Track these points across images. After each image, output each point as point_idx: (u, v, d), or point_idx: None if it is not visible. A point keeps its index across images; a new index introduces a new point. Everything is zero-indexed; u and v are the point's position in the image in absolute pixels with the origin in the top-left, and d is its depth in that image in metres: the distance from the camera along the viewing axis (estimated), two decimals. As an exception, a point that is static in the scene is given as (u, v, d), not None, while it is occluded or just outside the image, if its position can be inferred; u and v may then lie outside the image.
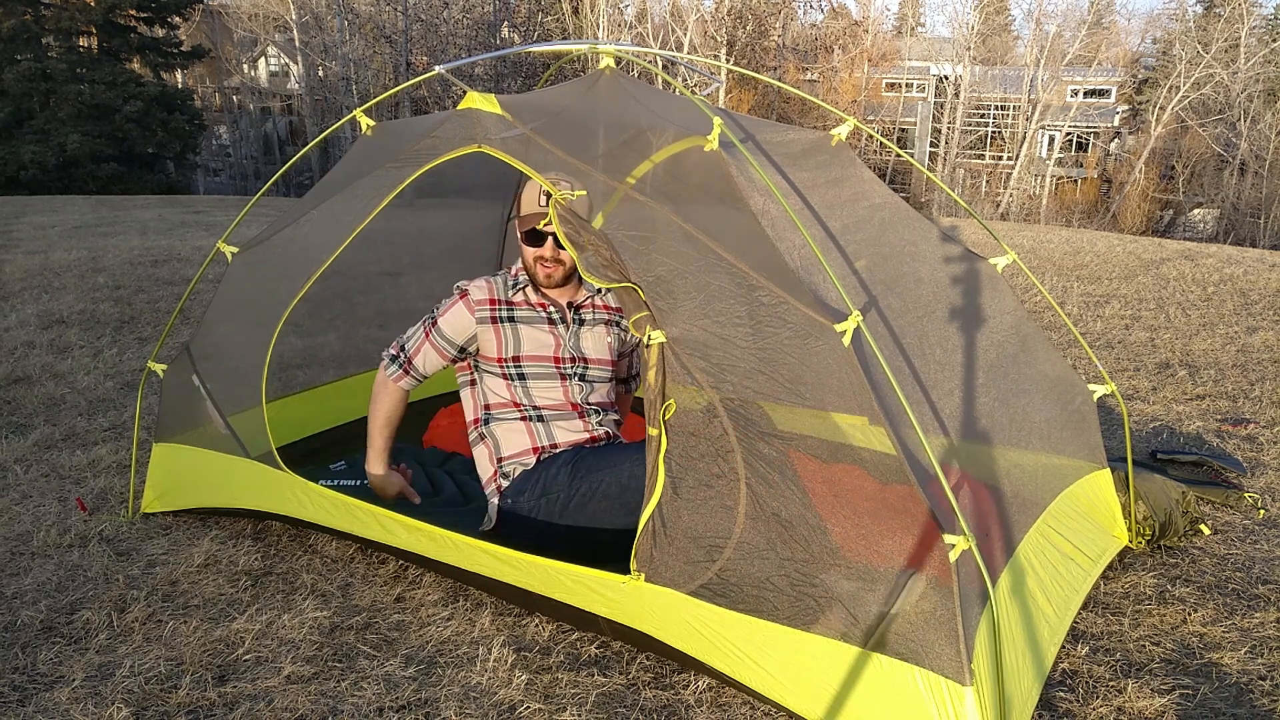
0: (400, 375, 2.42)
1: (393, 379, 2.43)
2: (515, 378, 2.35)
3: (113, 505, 2.87)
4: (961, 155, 31.54)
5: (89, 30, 21.11)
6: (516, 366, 2.34)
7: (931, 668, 1.61)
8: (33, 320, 5.22)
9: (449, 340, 2.38)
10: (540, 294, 2.39)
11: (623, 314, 2.40)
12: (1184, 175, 28.47)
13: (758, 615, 1.79)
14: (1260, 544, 2.68)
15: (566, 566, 2.06)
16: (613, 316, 2.48)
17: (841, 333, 1.72)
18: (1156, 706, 1.90)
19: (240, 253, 2.69)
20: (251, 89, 33.24)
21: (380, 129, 2.49)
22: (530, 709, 1.87)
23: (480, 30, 21.70)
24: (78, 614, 2.22)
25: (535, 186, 2.27)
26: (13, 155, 19.12)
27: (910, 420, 1.67)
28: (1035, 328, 2.52)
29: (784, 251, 1.87)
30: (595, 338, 2.43)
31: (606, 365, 2.44)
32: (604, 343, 2.43)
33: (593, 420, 2.39)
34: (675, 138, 2.07)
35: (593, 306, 2.45)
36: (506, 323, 2.36)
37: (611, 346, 2.45)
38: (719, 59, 22.06)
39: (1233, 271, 7.81)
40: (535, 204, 2.28)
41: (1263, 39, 28.31)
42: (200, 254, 7.61)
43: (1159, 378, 4.51)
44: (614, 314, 2.48)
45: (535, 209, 2.28)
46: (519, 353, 2.35)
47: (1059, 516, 2.24)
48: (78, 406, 3.82)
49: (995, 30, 34.25)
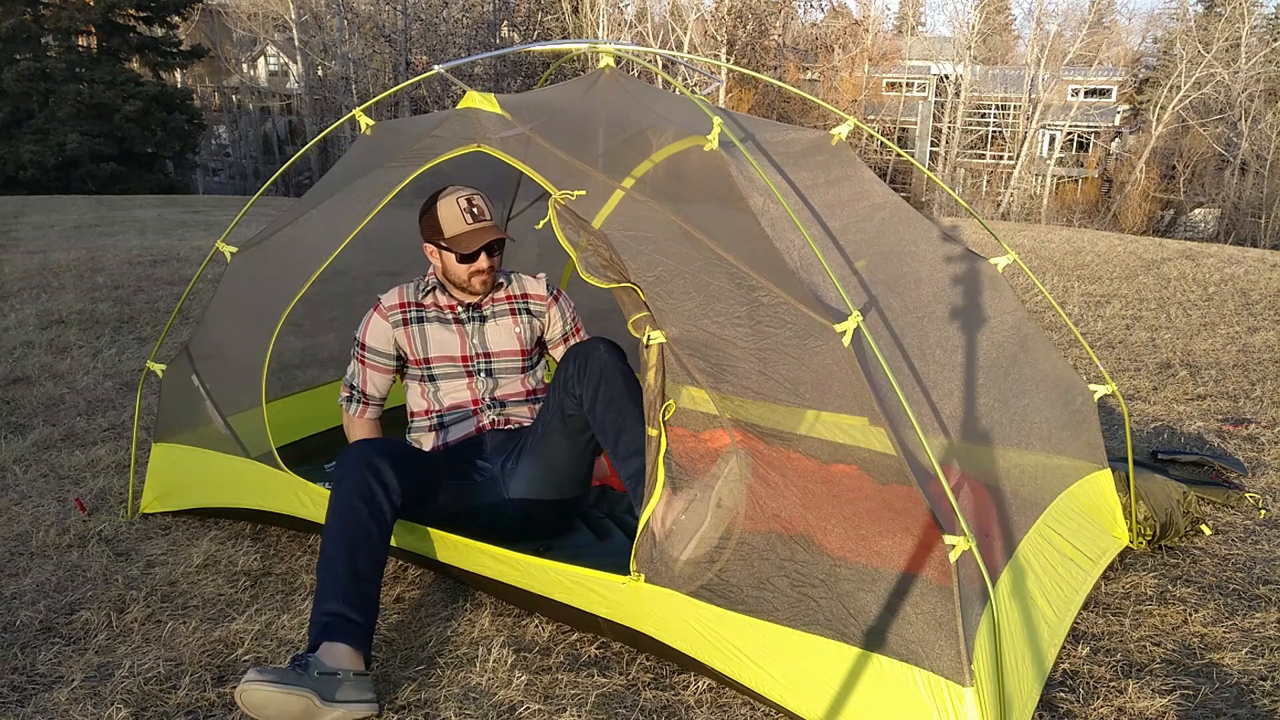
0: (361, 410, 2.52)
1: (357, 415, 2.53)
2: (428, 379, 2.45)
3: (112, 505, 2.86)
4: (962, 155, 31.54)
5: (88, 30, 21.12)
6: (428, 368, 2.44)
7: (931, 668, 1.61)
8: (32, 320, 5.22)
9: (381, 354, 2.47)
10: (449, 296, 2.45)
11: (529, 299, 2.52)
12: (1185, 175, 28.46)
13: (758, 616, 1.79)
14: (1261, 544, 2.67)
15: (566, 567, 2.05)
16: (516, 305, 2.50)
17: (841, 333, 1.72)
18: (1157, 707, 1.90)
19: (239, 252, 2.69)
20: (251, 88, 33.23)
21: (379, 128, 2.48)
22: (530, 709, 1.87)
23: (480, 29, 21.70)
24: (77, 614, 2.22)
25: (451, 204, 2.33)
26: (12, 155, 19.13)
27: (910, 421, 1.67)
28: (1036, 328, 2.52)
29: (784, 251, 1.86)
30: (500, 330, 2.46)
31: (514, 355, 2.47)
32: (510, 333, 2.47)
33: (486, 415, 2.45)
34: (675, 137, 2.06)
35: (493, 301, 2.48)
36: (416, 324, 2.45)
37: (521, 335, 2.48)
38: (719, 58, 22.05)
39: (1234, 271, 7.81)
40: (461, 221, 2.33)
41: (1263, 38, 28.30)
42: (199, 254, 7.61)
43: (1160, 378, 4.50)
44: (518, 301, 2.51)
45: (463, 226, 2.33)
46: (428, 355, 2.44)
47: (1059, 517, 2.23)
48: (77, 406, 3.82)
49: (996, 29, 34.26)
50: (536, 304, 2.54)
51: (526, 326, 2.50)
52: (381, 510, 2.00)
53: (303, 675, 1.77)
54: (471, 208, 2.35)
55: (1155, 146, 28.34)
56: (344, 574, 1.92)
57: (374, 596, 1.95)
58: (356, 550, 1.95)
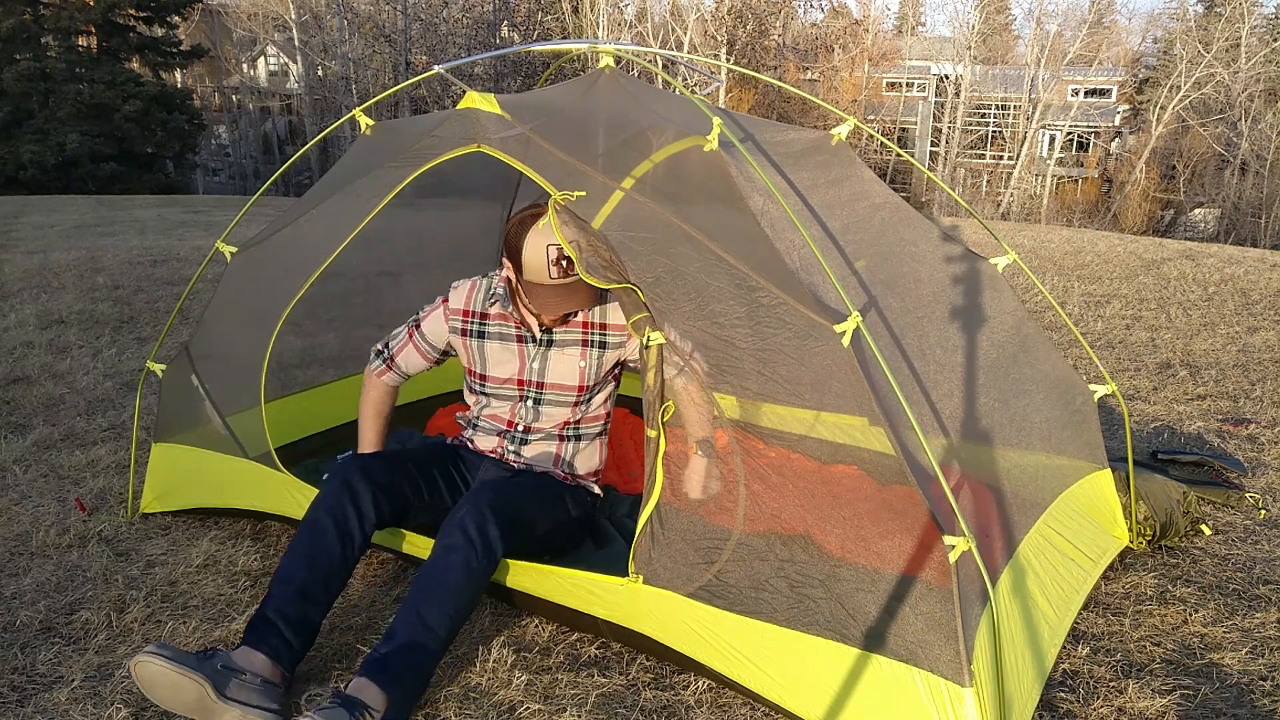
0: (383, 370, 2.42)
1: (375, 373, 2.43)
2: (481, 393, 2.34)
3: (112, 505, 2.86)
4: (962, 155, 31.53)
5: (88, 30, 21.10)
6: (483, 385, 2.32)
7: (931, 669, 1.61)
8: (32, 320, 5.22)
9: (430, 344, 2.38)
10: (517, 311, 2.25)
11: (607, 330, 2.27)
12: (1185, 175, 28.45)
13: (757, 617, 1.79)
14: (1261, 544, 2.67)
15: (565, 571, 2.05)
16: (590, 335, 2.26)
17: (841, 333, 1.72)
18: (1157, 707, 1.90)
19: (239, 252, 2.69)
20: (251, 88, 33.22)
21: (379, 129, 2.48)
22: (530, 709, 1.87)
23: (480, 29, 21.69)
24: (77, 614, 2.22)
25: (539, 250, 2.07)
26: (12, 155, 19.12)
27: (910, 421, 1.67)
28: (1036, 328, 2.52)
29: (783, 252, 1.86)
30: (564, 360, 2.25)
31: (569, 391, 2.26)
32: (574, 367, 2.25)
33: (508, 445, 2.32)
34: (675, 137, 2.06)
35: (565, 326, 2.26)
36: (475, 337, 2.30)
37: (584, 370, 2.25)
38: (719, 58, 22.05)
39: (1234, 271, 7.81)
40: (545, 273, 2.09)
41: (1263, 38, 28.29)
42: (199, 254, 7.61)
43: (1160, 378, 4.50)
44: (594, 331, 2.27)
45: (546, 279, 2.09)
46: (485, 372, 2.30)
47: (1059, 517, 2.23)
48: (77, 406, 3.82)
49: (996, 29, 34.24)
50: (615, 335, 2.27)
51: (595, 361, 2.26)
52: (350, 535, 1.98)
53: (203, 663, 1.74)
54: (562, 259, 2.07)
55: (1155, 146, 28.34)
56: (293, 591, 1.90)
57: (314, 621, 1.92)
58: (314, 569, 1.93)
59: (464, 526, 1.91)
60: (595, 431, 2.36)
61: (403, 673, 1.78)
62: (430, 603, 1.84)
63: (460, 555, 1.89)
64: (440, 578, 1.88)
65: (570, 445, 2.32)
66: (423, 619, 1.82)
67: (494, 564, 1.93)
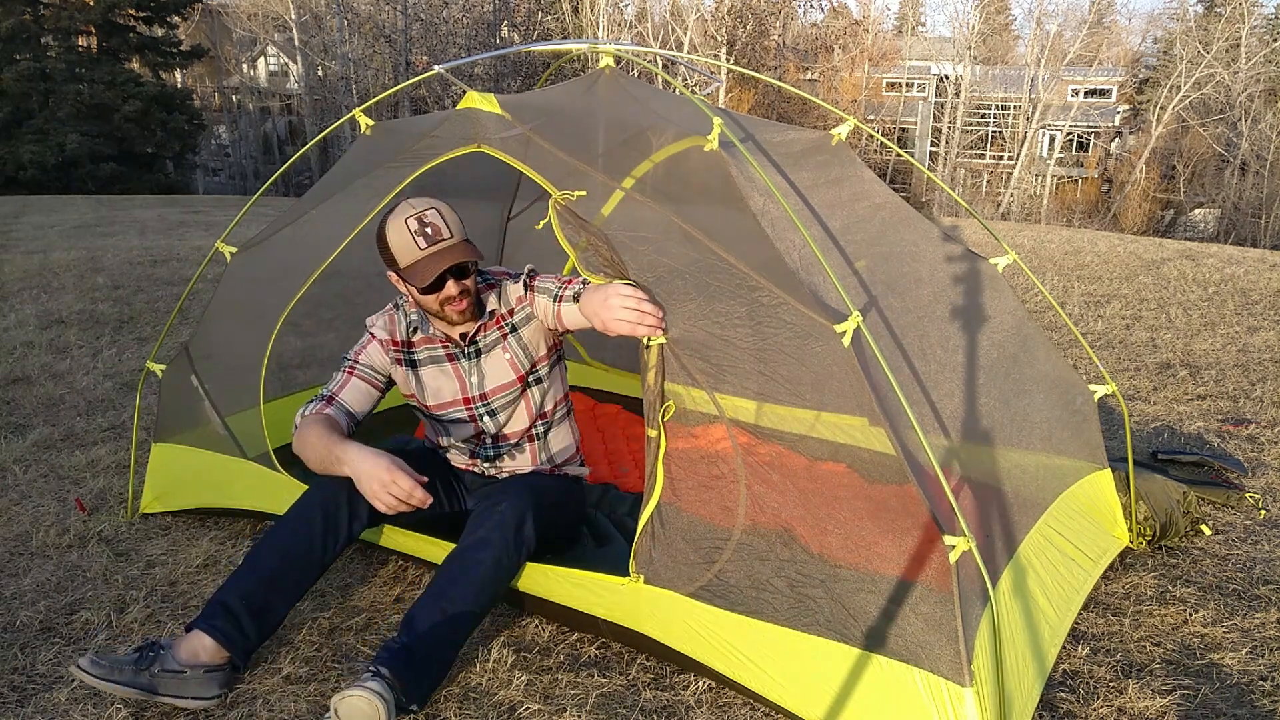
0: (323, 407, 2.13)
1: (315, 410, 2.13)
2: (434, 420, 2.29)
3: (112, 506, 2.86)
4: (962, 155, 31.52)
5: (88, 30, 21.10)
6: (432, 413, 2.26)
7: (931, 669, 1.61)
8: (32, 320, 5.22)
9: (376, 370, 2.21)
10: (435, 327, 2.19)
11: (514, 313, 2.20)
12: (1185, 175, 28.44)
13: (757, 617, 1.79)
14: (1261, 544, 2.67)
15: (565, 570, 2.05)
16: (506, 326, 2.20)
17: (841, 333, 1.72)
18: (1157, 707, 1.90)
19: (239, 253, 2.69)
20: (251, 89, 33.22)
21: (379, 129, 2.48)
22: (530, 709, 1.87)
23: (480, 30, 21.69)
24: (77, 614, 2.21)
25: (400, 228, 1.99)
26: (12, 155, 19.11)
27: (910, 421, 1.67)
28: (1036, 328, 2.52)
29: (784, 252, 1.86)
30: (495, 363, 2.21)
31: (511, 387, 2.22)
32: (504, 365, 2.21)
33: (480, 460, 2.30)
34: (675, 137, 2.06)
35: (484, 329, 2.20)
36: (409, 366, 2.23)
37: (514, 361, 2.21)
38: (719, 58, 22.05)
39: (1234, 271, 7.81)
40: (414, 247, 1.99)
41: (1263, 39, 28.29)
42: (199, 254, 7.61)
43: (1160, 378, 4.50)
44: (507, 321, 2.21)
45: (416, 253, 1.99)
46: (428, 401, 2.23)
47: (1060, 517, 2.23)
48: (77, 407, 3.81)
49: (996, 30, 34.23)
50: (520, 310, 2.21)
51: (518, 349, 2.21)
52: (337, 531, 1.98)
53: (139, 673, 1.79)
54: (424, 228, 1.99)
55: (1155, 146, 28.33)
56: (261, 579, 1.89)
57: (279, 612, 1.91)
58: (291, 560, 1.92)
59: (502, 521, 1.92)
60: (561, 415, 2.36)
61: (421, 665, 1.79)
62: (454, 596, 1.85)
63: (492, 551, 1.90)
64: (469, 571, 1.88)
65: (539, 443, 2.32)
66: (445, 610, 1.83)
67: (524, 562, 1.93)
